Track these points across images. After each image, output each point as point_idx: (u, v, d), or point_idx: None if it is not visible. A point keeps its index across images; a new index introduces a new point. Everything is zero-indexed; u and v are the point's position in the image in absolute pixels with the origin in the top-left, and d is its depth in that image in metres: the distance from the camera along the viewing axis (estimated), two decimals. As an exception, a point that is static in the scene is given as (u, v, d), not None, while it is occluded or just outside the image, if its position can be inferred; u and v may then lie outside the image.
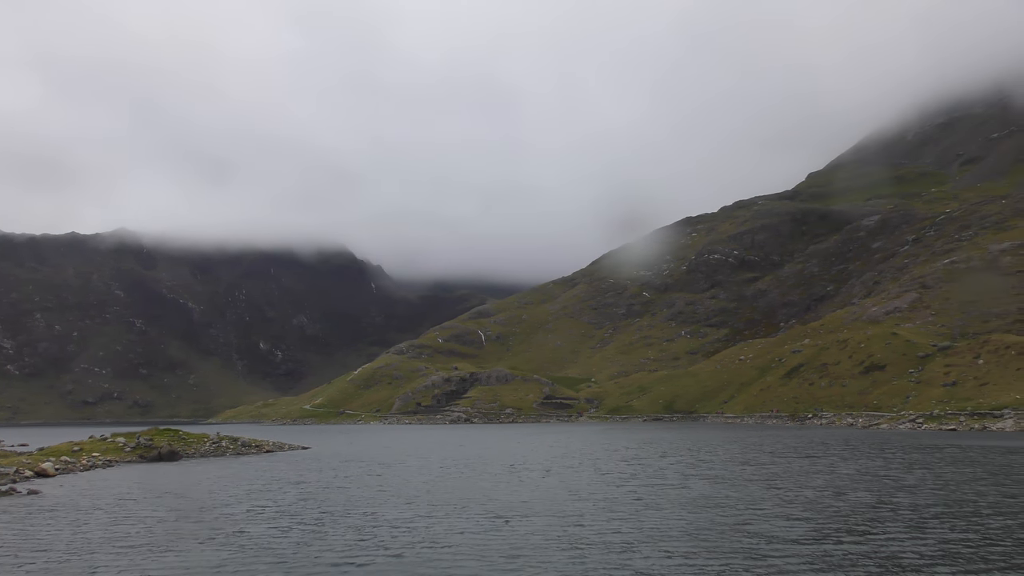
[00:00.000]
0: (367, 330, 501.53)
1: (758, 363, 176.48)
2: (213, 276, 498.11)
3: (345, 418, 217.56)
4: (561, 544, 24.24)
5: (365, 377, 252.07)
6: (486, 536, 25.72)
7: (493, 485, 41.29)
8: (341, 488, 40.97)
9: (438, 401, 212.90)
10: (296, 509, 32.73)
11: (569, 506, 32.38)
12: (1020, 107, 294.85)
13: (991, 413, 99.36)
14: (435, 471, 50.53)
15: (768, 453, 61.09)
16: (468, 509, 31.91)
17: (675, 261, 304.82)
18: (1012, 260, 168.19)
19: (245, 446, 73.41)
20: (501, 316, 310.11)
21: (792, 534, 25.20)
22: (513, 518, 29.31)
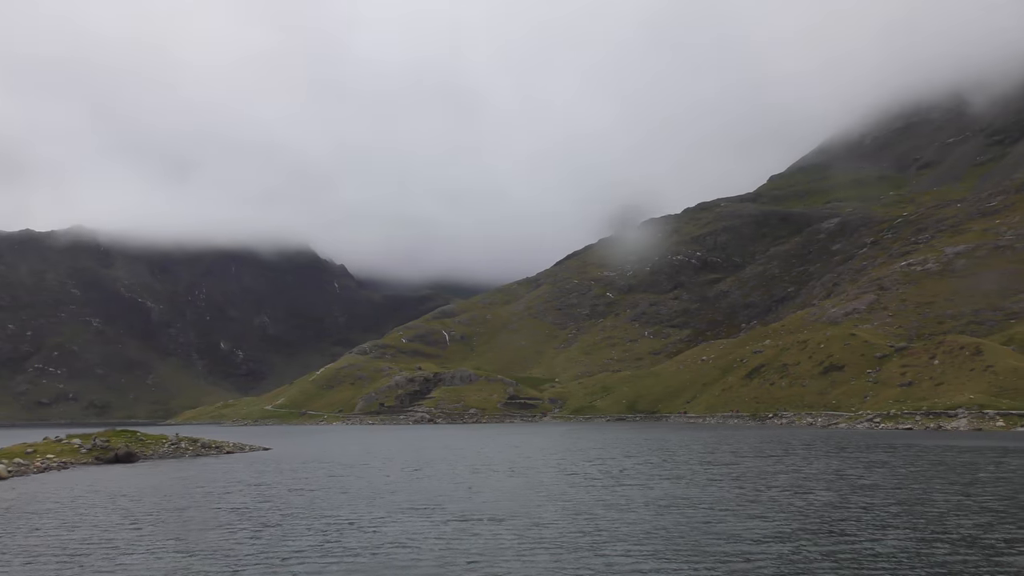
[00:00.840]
0: (330, 330, 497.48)
1: (720, 363, 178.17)
2: (172, 275, 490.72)
3: (307, 419, 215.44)
4: (525, 546, 23.98)
5: (328, 377, 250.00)
6: (448, 538, 25.36)
7: (456, 486, 40.95)
8: (301, 490, 40.34)
9: (401, 401, 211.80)
10: (255, 511, 32.11)
11: (534, 507, 32.10)
12: (976, 113, 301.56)
13: (946, 413, 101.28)
14: (397, 472, 50.06)
15: (731, 453, 61.58)
16: (430, 511, 31.52)
17: (639, 262, 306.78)
18: (966, 263, 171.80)
19: (205, 447, 72.20)
20: (465, 316, 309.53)
21: (757, 534, 25.23)
22: (476, 520, 29.02)
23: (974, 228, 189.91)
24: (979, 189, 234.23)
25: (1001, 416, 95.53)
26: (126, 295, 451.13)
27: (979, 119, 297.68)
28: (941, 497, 33.06)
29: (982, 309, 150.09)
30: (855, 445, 68.02)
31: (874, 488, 36.51)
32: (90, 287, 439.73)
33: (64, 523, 29.65)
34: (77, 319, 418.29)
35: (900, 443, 69.78)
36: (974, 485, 37.10)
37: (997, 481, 38.56)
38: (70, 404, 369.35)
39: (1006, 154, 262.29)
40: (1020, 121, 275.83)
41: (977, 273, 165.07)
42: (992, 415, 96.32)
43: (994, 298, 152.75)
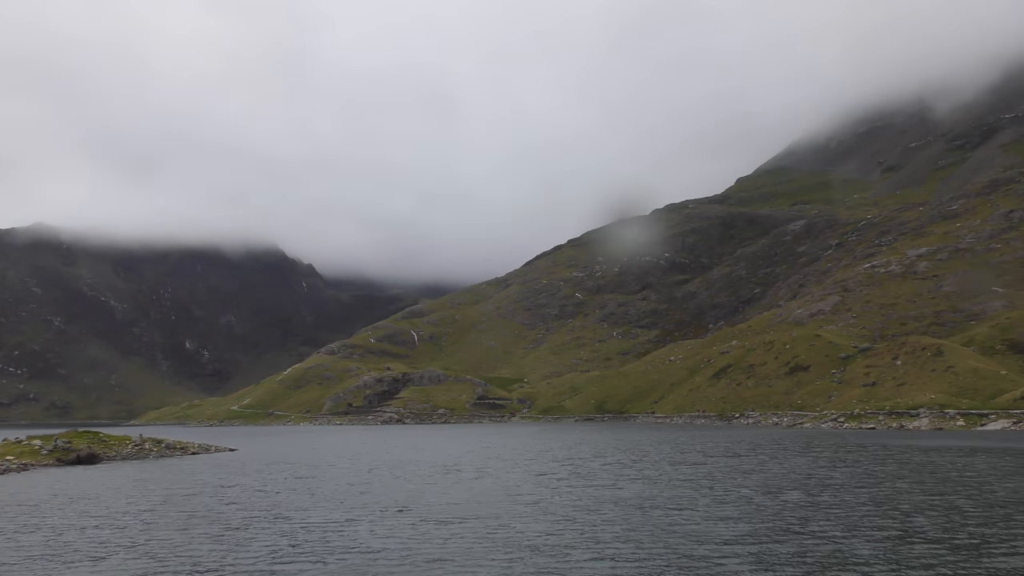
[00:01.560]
0: (297, 330, 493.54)
1: (688, 364, 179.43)
2: (137, 274, 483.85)
3: (274, 419, 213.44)
4: (493, 548, 23.77)
5: (295, 377, 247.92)
6: (416, 540, 25.09)
7: (424, 487, 40.72)
8: (266, 492, 39.81)
9: (370, 402, 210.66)
10: (218, 514, 31.63)
11: (502, 508, 31.93)
12: (938, 118, 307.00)
13: (908, 412, 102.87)
14: (365, 473, 49.69)
15: (699, 452, 61.91)
16: (398, 512, 31.24)
17: (607, 263, 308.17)
18: (928, 265, 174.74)
19: (169, 448, 71.25)
20: (434, 316, 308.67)
21: (727, 534, 25.25)
22: (443, 521, 28.81)
23: (936, 231, 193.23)
24: (940, 193, 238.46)
25: (961, 416, 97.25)
26: (89, 294, 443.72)
27: (941, 124, 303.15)
28: (909, 497, 33.38)
29: (943, 311, 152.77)
30: (821, 445, 68.78)
31: (843, 488, 36.79)
32: (52, 285, 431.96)
33: (22, 527, 28.99)
34: (38, 318, 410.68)
35: (866, 443, 70.71)
36: (941, 484, 37.60)
37: (964, 481, 39.16)
38: (31, 405, 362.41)
39: (967, 159, 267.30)
40: (980, 127, 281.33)
41: (938, 275, 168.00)
42: (953, 415, 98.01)
43: (955, 300, 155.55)
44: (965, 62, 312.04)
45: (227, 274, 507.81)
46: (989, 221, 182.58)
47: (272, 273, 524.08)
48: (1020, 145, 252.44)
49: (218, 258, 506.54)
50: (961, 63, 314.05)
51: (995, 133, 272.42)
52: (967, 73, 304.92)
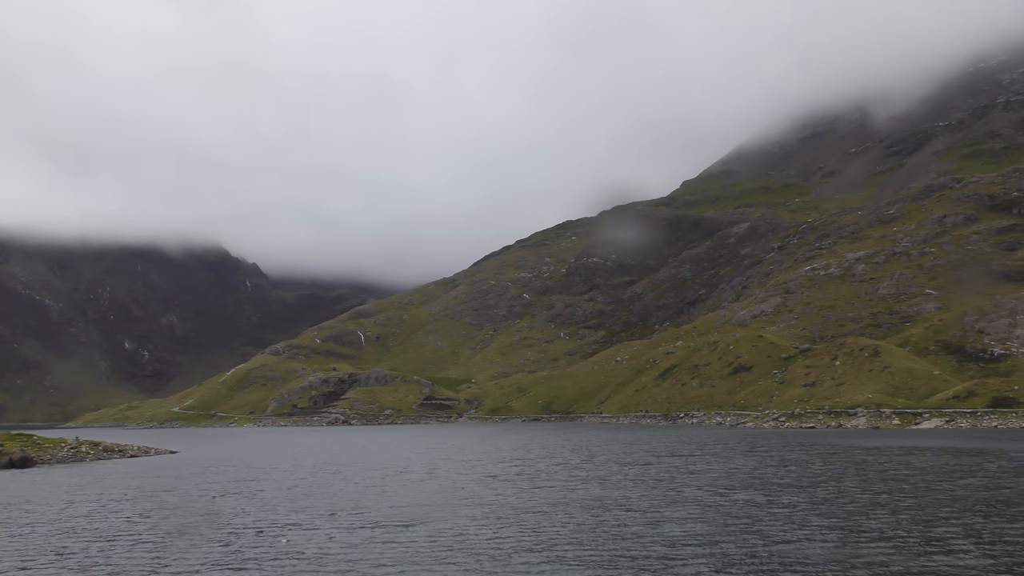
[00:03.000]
0: (241, 330, 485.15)
1: (634, 364, 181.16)
2: (74, 272, 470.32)
3: (217, 420, 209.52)
4: (441, 553, 23.31)
5: (238, 378, 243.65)
6: (360, 546, 24.56)
7: (369, 490, 40.18)
8: (206, 496, 38.86)
9: (315, 403, 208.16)
10: (153, 519, 30.75)
11: (450, 511, 31.56)
12: (876, 125, 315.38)
13: (846, 412, 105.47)
14: (308, 476, 48.99)
15: (647, 453, 62.26)
16: (340, 516, 30.69)
17: (555, 264, 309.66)
18: (866, 268, 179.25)
19: (107, 451, 69.41)
20: (381, 317, 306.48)
21: (682, 535, 25.19)
22: (389, 525, 28.32)
23: (873, 235, 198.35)
24: (878, 198, 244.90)
25: (897, 415, 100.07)
26: (23, 292, 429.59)
27: (879, 131, 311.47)
28: (857, 496, 33.89)
29: (880, 312, 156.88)
30: (766, 444, 69.95)
31: (792, 487, 37.23)
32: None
33: (-53, 535, 27.92)
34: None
35: (809, 442, 72.14)
36: (886, 484, 38.42)
37: (907, 479, 40.11)
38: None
39: (903, 165, 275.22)
40: (916, 134, 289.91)
41: (875, 278, 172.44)
42: (888, 414, 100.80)
43: (891, 302, 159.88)
44: (903, 73, 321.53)
45: (168, 273, 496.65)
46: (923, 226, 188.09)
47: (215, 272, 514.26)
48: (953, 152, 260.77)
49: (159, 256, 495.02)
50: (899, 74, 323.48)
51: (929, 141, 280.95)
52: (905, 83, 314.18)
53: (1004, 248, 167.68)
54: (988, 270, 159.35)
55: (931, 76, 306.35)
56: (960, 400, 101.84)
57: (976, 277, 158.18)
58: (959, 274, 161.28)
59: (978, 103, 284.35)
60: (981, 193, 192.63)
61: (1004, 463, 46.78)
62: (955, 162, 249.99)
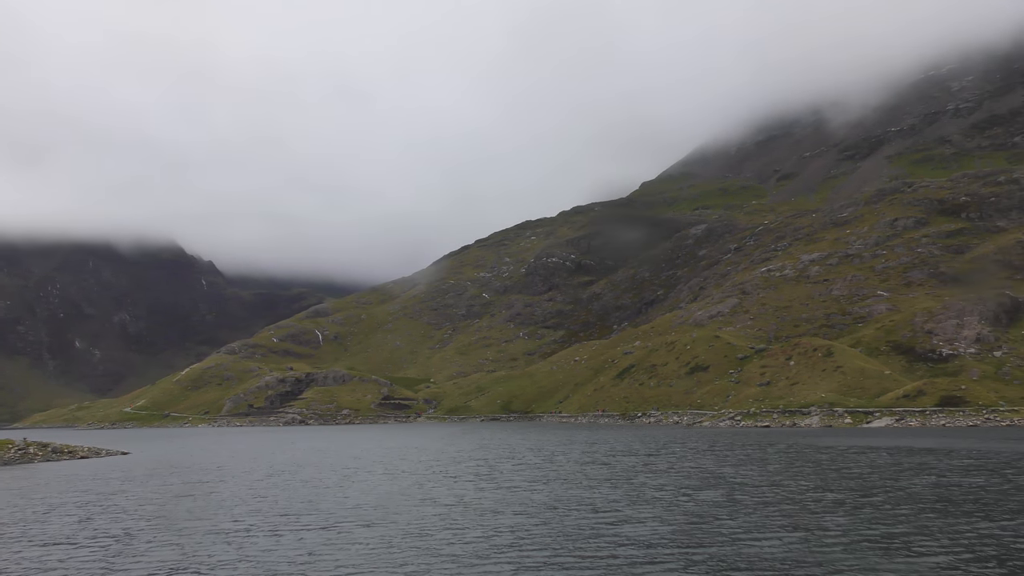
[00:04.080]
0: (196, 328, 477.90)
1: (592, 364, 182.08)
2: (22, 268, 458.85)
3: (170, 421, 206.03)
4: (400, 556, 22.96)
5: (193, 378, 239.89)
6: (316, 550, 24.13)
7: (325, 491, 39.66)
8: (157, 498, 38.03)
9: (272, 403, 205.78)
10: (103, 523, 29.97)
11: (409, 513, 31.22)
12: (831, 130, 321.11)
13: (800, 411, 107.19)
14: (263, 477, 48.32)
15: (608, 453, 62.30)
16: (298, 519, 30.20)
17: (514, 264, 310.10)
18: (820, 270, 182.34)
19: (56, 452, 67.84)
20: (339, 316, 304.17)
21: (648, 536, 25.07)
22: (346, 527, 27.92)
23: (827, 237, 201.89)
24: (832, 201, 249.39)
25: (849, 414, 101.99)
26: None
27: (833, 135, 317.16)
28: (817, 495, 34.21)
29: (833, 313, 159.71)
30: (725, 443, 70.68)
31: (752, 486, 37.49)
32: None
33: None
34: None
35: (765, 441, 73.09)
36: (846, 482, 39.01)
37: (864, 477, 40.78)
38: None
39: (856, 169, 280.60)
40: (869, 139, 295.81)
41: (829, 279, 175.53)
42: (841, 413, 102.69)
43: (844, 303, 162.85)
44: (857, 79, 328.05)
45: (121, 270, 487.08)
46: (876, 228, 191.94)
47: (169, 270, 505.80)
48: (904, 157, 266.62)
49: (111, 254, 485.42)
50: (854, 80, 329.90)
51: (882, 146, 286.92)
52: (859, 90, 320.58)
53: (952, 251, 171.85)
54: (937, 272, 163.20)
55: (884, 83, 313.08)
56: (910, 399, 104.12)
57: (925, 279, 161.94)
58: (909, 276, 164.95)
59: (929, 110, 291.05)
60: (931, 197, 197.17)
61: (955, 462, 47.88)
62: (906, 167, 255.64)
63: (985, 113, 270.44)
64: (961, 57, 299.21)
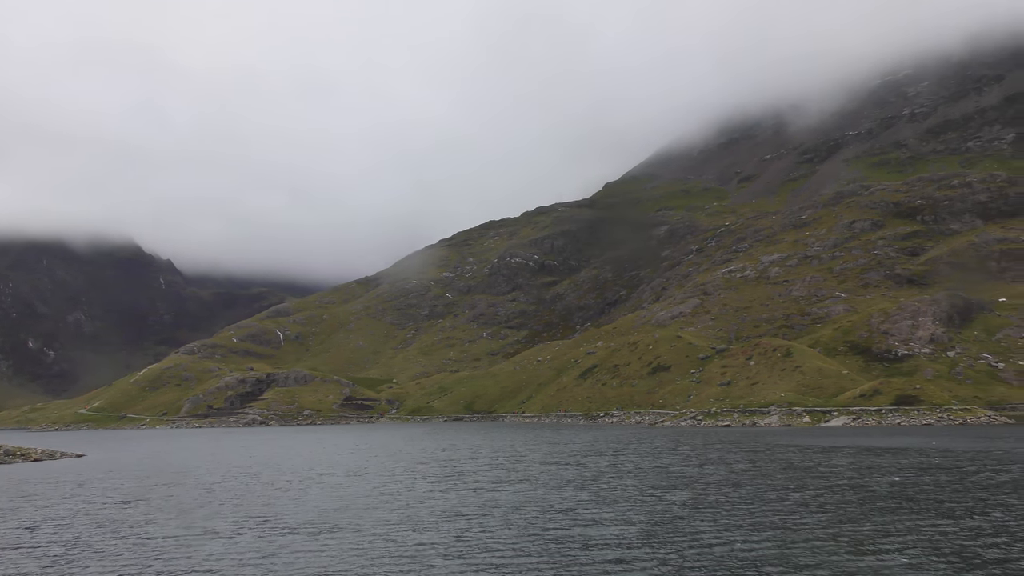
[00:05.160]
0: (154, 328, 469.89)
1: (555, 364, 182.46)
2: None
3: (127, 422, 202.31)
4: (363, 560, 22.55)
5: (151, 378, 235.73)
6: (275, 554, 23.59)
7: (285, 493, 39.01)
8: (111, 502, 37.00)
9: (231, 403, 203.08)
10: (50, 530, 29.06)
11: (372, 515, 30.82)
12: (791, 132, 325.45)
13: (760, 410, 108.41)
14: (222, 479, 47.50)
15: (574, 453, 62.25)
16: (256, 522, 29.63)
17: (478, 264, 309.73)
18: (779, 271, 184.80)
19: (8, 454, 66.16)
20: (301, 315, 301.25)
21: (616, 537, 24.92)
22: (309, 531, 27.40)
23: (786, 239, 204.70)
24: (791, 203, 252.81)
25: (807, 413, 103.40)
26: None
27: (793, 139, 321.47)
28: (785, 494, 34.37)
29: (792, 314, 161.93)
30: (689, 443, 71.10)
31: (718, 485, 37.63)
32: None
33: None
34: None
35: (729, 440, 73.66)
36: (809, 480, 39.36)
37: (829, 476, 41.20)
38: None
39: (815, 172, 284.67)
40: (827, 142, 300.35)
41: (788, 280, 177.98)
42: (800, 412, 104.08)
43: (802, 304, 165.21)
44: (817, 84, 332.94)
45: (76, 269, 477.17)
46: (834, 231, 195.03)
47: (126, 268, 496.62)
48: (861, 161, 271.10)
49: (65, 252, 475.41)
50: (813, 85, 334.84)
51: (840, 149, 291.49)
52: (818, 94, 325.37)
53: (908, 253, 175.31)
54: (893, 274, 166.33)
55: (843, 87, 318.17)
56: (866, 398, 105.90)
57: (882, 280, 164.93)
58: (866, 277, 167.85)
59: (885, 114, 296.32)
60: (887, 200, 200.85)
61: (912, 460, 48.64)
62: (863, 170, 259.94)
63: (940, 118, 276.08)
64: (917, 63, 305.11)
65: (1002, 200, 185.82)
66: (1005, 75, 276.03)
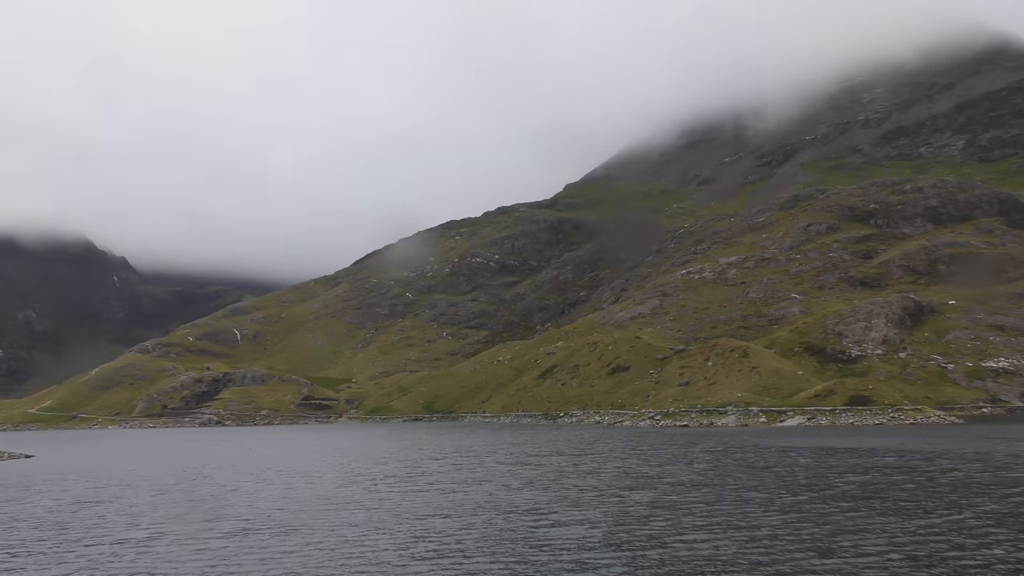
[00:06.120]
0: (107, 327, 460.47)
1: (515, 364, 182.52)
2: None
3: (79, 422, 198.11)
4: (321, 564, 22.15)
5: (104, 378, 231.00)
6: (229, 557, 23.15)
7: (240, 496, 38.39)
8: (58, 505, 36.17)
9: (187, 403, 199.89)
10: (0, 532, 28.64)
11: (331, 518, 30.39)
12: (749, 136, 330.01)
13: (717, 410, 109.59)
14: (175, 481, 46.69)
15: (535, 453, 62.15)
16: (207, 526, 29.04)
17: (438, 263, 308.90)
18: (737, 272, 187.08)
19: (-50, 457, 64.42)
20: (259, 314, 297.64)
21: (580, 538, 24.76)
22: (266, 534, 26.93)
23: (744, 241, 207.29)
24: (749, 206, 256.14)
25: (764, 413, 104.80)
26: None
27: (751, 142, 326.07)
28: (746, 495, 34.62)
29: (750, 315, 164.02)
30: (650, 443, 71.48)
31: (682, 485, 37.70)
32: None
33: None
34: None
35: (687, 440, 74.23)
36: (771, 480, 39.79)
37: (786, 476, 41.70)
38: None
39: (772, 175, 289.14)
40: (784, 147, 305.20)
41: (746, 282, 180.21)
42: (756, 412, 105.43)
43: (759, 305, 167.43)
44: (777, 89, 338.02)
45: (25, 265, 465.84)
46: (790, 233, 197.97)
47: (78, 265, 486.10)
48: (817, 165, 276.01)
49: (14, 248, 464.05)
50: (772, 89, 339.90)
51: (796, 153, 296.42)
52: (776, 98, 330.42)
53: (861, 256, 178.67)
54: (847, 276, 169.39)
55: (801, 93, 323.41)
56: (821, 399, 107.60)
57: (836, 283, 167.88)
58: (821, 280, 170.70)
59: (841, 119, 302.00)
60: (842, 204, 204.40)
61: (865, 460, 49.50)
62: (819, 174, 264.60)
63: (893, 124, 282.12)
64: (872, 70, 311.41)
65: (952, 205, 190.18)
66: (956, 84, 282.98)
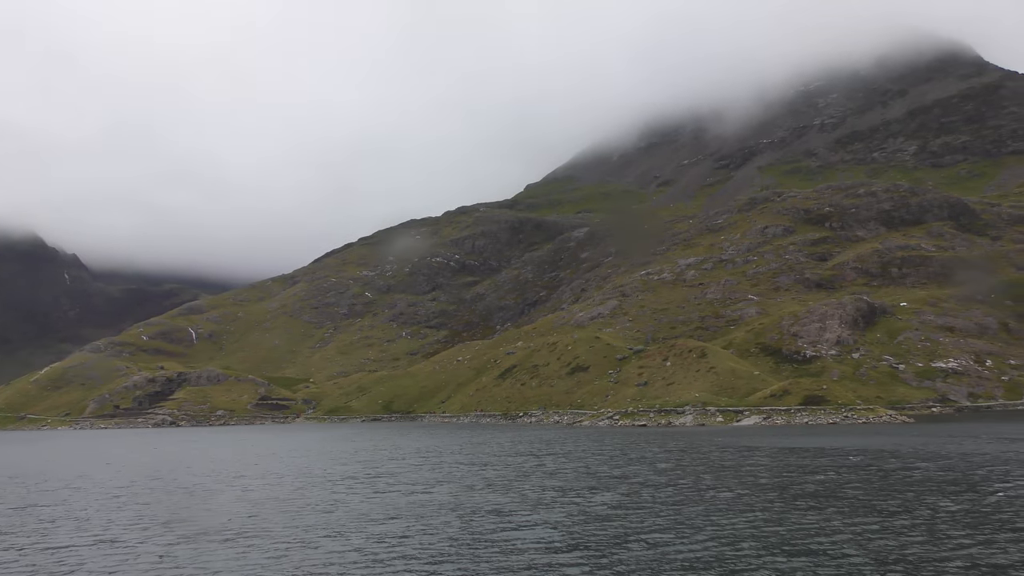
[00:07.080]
0: (57, 325, 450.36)
1: (475, 364, 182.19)
2: None
3: (27, 423, 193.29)
4: (277, 570, 21.65)
5: (53, 377, 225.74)
6: (183, 564, 22.55)
7: (195, 499, 37.59)
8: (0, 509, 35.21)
9: (140, 403, 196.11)
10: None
11: (290, 521, 29.82)
12: (708, 139, 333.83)
13: (675, 410, 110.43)
14: (127, 483, 45.54)
15: (495, 454, 61.76)
16: (158, 531, 28.28)
17: (398, 263, 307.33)
18: (696, 274, 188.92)
19: None
20: (215, 313, 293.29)
21: (544, 540, 24.62)
22: (221, 539, 26.28)
23: (703, 243, 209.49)
24: (708, 207, 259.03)
25: (721, 412, 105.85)
26: None
27: (710, 145, 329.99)
28: (714, 495, 34.68)
29: (708, 316, 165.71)
30: (610, 443, 71.65)
31: (645, 487, 37.64)
32: None
33: None
34: None
35: (646, 440, 74.60)
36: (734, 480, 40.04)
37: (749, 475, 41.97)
38: None
39: (730, 178, 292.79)
40: (742, 150, 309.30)
41: (704, 283, 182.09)
42: (713, 411, 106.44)
43: (717, 306, 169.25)
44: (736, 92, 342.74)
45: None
46: (748, 236, 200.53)
47: (27, 262, 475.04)
48: (774, 168, 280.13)
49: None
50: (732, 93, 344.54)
51: (754, 156, 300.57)
52: (736, 102, 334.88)
53: (816, 258, 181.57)
54: (802, 278, 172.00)
55: (759, 97, 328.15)
56: (776, 398, 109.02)
57: (792, 284, 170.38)
58: (777, 281, 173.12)
59: (798, 124, 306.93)
60: (798, 207, 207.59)
61: (831, 459, 50.13)
62: (776, 177, 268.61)
63: (848, 129, 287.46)
64: (829, 76, 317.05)
65: (904, 209, 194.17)
66: (908, 90, 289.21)
